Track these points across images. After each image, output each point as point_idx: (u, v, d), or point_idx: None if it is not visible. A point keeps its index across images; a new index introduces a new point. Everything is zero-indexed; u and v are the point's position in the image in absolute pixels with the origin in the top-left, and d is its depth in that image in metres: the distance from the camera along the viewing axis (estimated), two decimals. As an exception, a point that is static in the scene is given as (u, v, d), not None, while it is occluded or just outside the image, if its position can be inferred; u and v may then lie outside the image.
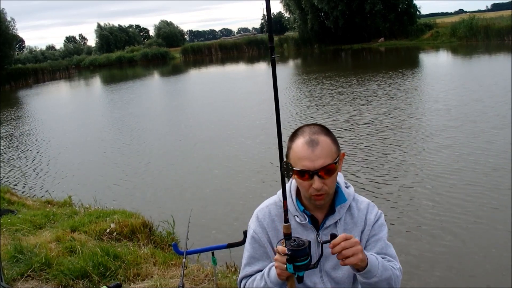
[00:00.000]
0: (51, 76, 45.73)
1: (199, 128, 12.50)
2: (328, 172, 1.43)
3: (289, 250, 1.32)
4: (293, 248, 1.32)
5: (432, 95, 13.29)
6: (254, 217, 1.63)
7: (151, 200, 7.11)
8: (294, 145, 1.47)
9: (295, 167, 1.44)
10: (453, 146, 8.00)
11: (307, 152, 1.42)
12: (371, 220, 1.56)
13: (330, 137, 1.48)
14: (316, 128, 1.49)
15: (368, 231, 1.55)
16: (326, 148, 1.44)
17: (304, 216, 1.54)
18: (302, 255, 1.32)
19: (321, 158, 1.42)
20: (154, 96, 22.29)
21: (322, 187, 1.44)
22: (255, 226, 1.61)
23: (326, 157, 1.43)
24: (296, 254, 1.31)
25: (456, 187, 6.16)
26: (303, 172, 1.43)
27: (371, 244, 1.54)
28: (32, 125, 16.81)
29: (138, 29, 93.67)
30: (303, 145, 1.44)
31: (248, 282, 1.59)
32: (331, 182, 1.46)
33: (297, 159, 1.45)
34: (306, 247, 1.32)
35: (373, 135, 9.35)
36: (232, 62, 44.44)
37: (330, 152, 1.44)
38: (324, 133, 1.47)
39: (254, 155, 8.96)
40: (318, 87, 17.26)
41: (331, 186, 1.47)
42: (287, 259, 1.33)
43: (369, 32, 42.00)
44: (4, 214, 5.40)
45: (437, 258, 4.48)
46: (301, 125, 1.56)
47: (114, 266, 3.58)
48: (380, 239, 1.55)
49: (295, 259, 1.31)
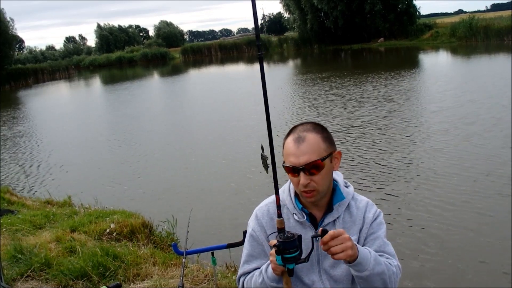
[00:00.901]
0: (51, 76, 45.72)
1: (199, 128, 12.51)
2: (314, 168, 1.44)
3: (278, 242, 1.35)
4: (282, 240, 1.34)
5: (431, 95, 13.30)
6: (253, 216, 1.65)
7: (151, 200, 7.11)
8: (285, 142, 1.51)
9: (285, 164, 1.48)
10: (448, 147, 8.01)
11: (293, 149, 1.46)
12: (369, 218, 1.56)
13: (320, 135, 1.48)
14: (308, 126, 1.51)
15: (367, 229, 1.56)
16: (312, 145, 1.45)
17: (302, 214, 1.55)
18: (290, 247, 1.34)
19: (306, 154, 1.44)
20: (154, 96, 22.30)
21: (309, 183, 1.45)
22: (254, 224, 1.62)
23: (312, 153, 1.44)
24: (284, 246, 1.34)
25: (455, 186, 6.17)
26: (290, 168, 1.47)
27: (369, 242, 1.55)
28: (32, 125, 16.81)
29: (138, 29, 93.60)
30: (291, 142, 1.47)
31: (247, 280, 1.61)
32: (319, 179, 1.46)
33: (286, 155, 1.49)
34: (295, 240, 1.35)
35: (368, 136, 9.35)
36: (232, 62, 44.43)
37: (316, 148, 1.45)
38: (315, 130, 1.49)
39: (254, 154, 8.95)
40: (315, 88, 17.26)
41: (319, 183, 1.47)
42: (276, 251, 1.36)
43: (369, 32, 42.02)
44: (4, 214, 5.40)
45: (437, 258, 4.49)
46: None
47: (114, 266, 3.58)
48: (378, 237, 1.55)
49: (283, 251, 1.34)
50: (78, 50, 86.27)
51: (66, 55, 77.31)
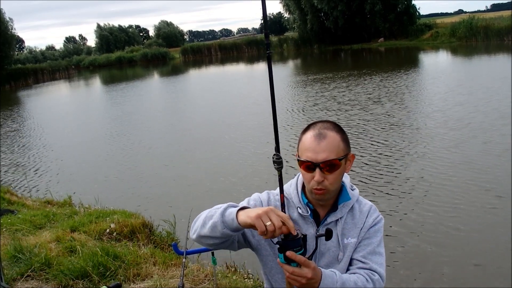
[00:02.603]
0: (51, 76, 45.73)
1: (199, 128, 12.50)
2: (330, 167, 1.44)
3: (282, 240, 1.32)
4: (286, 238, 1.31)
5: (431, 95, 13.30)
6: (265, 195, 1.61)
7: (151, 200, 7.11)
8: (303, 137, 1.49)
9: (301, 158, 1.47)
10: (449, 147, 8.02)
11: (313, 144, 1.45)
12: (369, 223, 1.56)
13: (340, 135, 1.48)
14: (328, 124, 1.50)
15: (364, 233, 1.55)
16: (332, 143, 1.44)
17: (307, 209, 1.54)
18: (294, 246, 1.31)
19: (325, 151, 1.43)
20: (154, 97, 22.29)
21: (323, 181, 1.44)
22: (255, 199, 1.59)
23: (331, 152, 1.43)
24: (288, 244, 1.31)
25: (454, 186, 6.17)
26: (306, 162, 1.45)
27: (360, 246, 1.54)
28: (32, 125, 16.80)
29: (138, 29, 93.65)
30: (311, 137, 1.46)
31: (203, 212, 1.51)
32: (333, 178, 1.46)
33: (303, 149, 1.47)
34: (299, 239, 1.32)
35: (368, 136, 9.36)
36: (231, 62, 44.42)
37: (336, 148, 1.45)
38: (335, 129, 1.48)
39: (255, 154, 8.96)
40: (315, 88, 17.27)
41: (332, 182, 1.46)
42: (278, 248, 1.33)
43: (369, 32, 42.03)
44: (4, 214, 5.40)
45: (437, 259, 4.49)
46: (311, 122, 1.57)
47: (114, 266, 3.58)
48: (370, 244, 1.54)
49: (287, 249, 1.31)
50: (78, 50, 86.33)
51: (66, 55, 77.35)
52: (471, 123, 9.43)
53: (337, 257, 1.53)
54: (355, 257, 1.54)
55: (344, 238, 1.54)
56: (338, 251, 1.53)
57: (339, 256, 1.53)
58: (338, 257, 1.53)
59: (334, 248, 1.54)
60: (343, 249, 1.53)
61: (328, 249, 1.54)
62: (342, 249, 1.53)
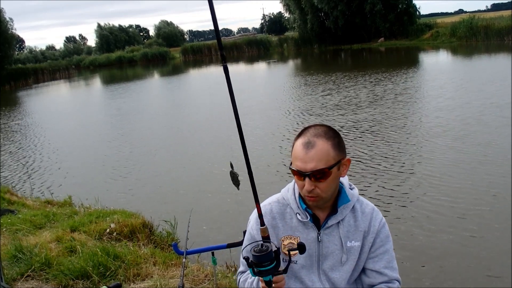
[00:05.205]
0: (51, 76, 45.77)
1: (199, 128, 12.49)
2: (320, 176, 1.42)
3: (252, 255, 1.32)
4: (255, 254, 1.31)
5: (431, 95, 13.29)
6: (254, 213, 1.62)
7: (151, 200, 7.11)
8: (295, 145, 1.48)
9: (292, 166, 1.47)
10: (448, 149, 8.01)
11: (301, 154, 1.43)
12: (376, 227, 1.55)
13: (331, 141, 1.44)
14: (320, 130, 1.46)
15: (372, 238, 1.54)
16: (321, 152, 1.41)
17: (306, 214, 1.53)
18: (264, 261, 1.30)
19: (313, 161, 1.41)
20: (154, 97, 22.29)
21: (314, 189, 1.43)
22: (253, 223, 1.61)
23: (319, 161, 1.41)
24: (257, 259, 1.31)
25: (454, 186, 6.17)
26: (296, 171, 1.45)
27: (378, 256, 1.54)
28: (32, 125, 16.80)
29: (138, 29, 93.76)
30: (300, 146, 1.44)
31: (242, 279, 1.62)
32: (324, 186, 1.44)
33: (294, 158, 1.46)
34: (270, 253, 1.31)
35: (368, 136, 9.35)
36: (231, 62, 44.41)
37: (325, 156, 1.41)
38: (326, 136, 1.44)
39: (253, 155, 8.95)
40: (315, 88, 17.26)
41: (324, 190, 1.45)
42: (248, 264, 1.33)
43: (369, 32, 42.00)
44: (4, 214, 5.40)
45: (436, 260, 4.49)
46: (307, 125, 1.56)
47: (114, 266, 3.57)
48: (387, 251, 1.55)
49: (257, 264, 1.31)
50: (78, 50, 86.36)
51: (66, 55, 77.34)
52: (471, 123, 9.43)
53: (340, 259, 1.53)
54: (374, 269, 1.54)
55: (347, 241, 1.53)
56: (342, 254, 1.53)
57: (342, 258, 1.53)
58: (341, 259, 1.53)
59: (337, 251, 1.53)
60: (347, 252, 1.53)
61: (332, 252, 1.53)
62: (346, 252, 1.52)
